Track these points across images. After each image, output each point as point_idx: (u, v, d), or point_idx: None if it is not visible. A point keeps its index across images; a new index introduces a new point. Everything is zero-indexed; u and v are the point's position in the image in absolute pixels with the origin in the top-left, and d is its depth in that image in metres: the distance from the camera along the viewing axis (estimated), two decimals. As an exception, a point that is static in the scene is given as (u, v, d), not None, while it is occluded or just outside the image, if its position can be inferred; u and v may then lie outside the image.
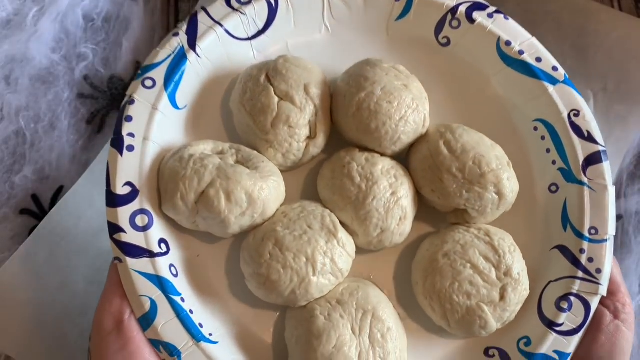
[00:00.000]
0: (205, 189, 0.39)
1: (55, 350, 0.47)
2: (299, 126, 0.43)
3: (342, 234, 0.41)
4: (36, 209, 0.51)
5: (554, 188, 0.46)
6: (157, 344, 0.38)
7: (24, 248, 0.48)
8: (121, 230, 0.39)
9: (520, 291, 0.42)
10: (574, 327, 0.43)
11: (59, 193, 0.51)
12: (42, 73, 0.51)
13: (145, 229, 0.40)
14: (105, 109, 0.53)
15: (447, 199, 0.43)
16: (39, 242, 0.48)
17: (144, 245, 0.39)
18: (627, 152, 0.54)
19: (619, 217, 0.55)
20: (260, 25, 0.46)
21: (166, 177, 0.40)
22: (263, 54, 0.47)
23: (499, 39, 0.47)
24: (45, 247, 0.48)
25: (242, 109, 0.43)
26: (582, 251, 0.44)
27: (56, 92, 0.51)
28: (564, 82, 0.46)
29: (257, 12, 0.46)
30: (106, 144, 0.51)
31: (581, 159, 0.45)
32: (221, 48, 0.45)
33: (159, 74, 0.42)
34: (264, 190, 0.40)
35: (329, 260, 0.40)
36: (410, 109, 0.43)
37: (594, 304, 0.43)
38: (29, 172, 0.50)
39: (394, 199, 0.42)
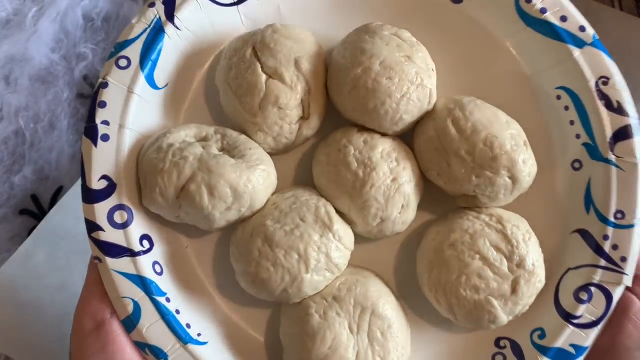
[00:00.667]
0: (186, 184, 0.36)
1: (54, 350, 0.47)
2: (290, 107, 0.39)
3: (339, 225, 0.38)
4: (35, 209, 0.51)
5: (577, 165, 0.41)
6: (142, 346, 0.37)
7: (23, 248, 0.48)
8: (99, 228, 0.36)
9: (534, 283, 0.39)
10: (593, 319, 0.39)
11: (58, 193, 0.51)
12: (42, 73, 0.50)
13: (124, 226, 0.37)
14: (104, 109, 0.53)
15: (455, 184, 0.39)
16: (38, 242, 0.48)
17: (124, 244, 0.37)
18: None
19: None
20: (248, -14, 0.41)
21: (144, 170, 0.37)
22: (252, 20, 0.42)
23: (518, -6, 0.41)
24: (44, 248, 0.48)
25: (228, 88, 0.39)
26: (605, 237, 0.39)
27: (55, 92, 0.51)
28: (592, 44, 0.40)
29: (243, -28, 0.41)
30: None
31: (609, 133, 0.40)
32: (203, 17, 0.40)
33: (133, 51, 0.38)
34: (250, 182, 0.37)
35: (323, 255, 0.37)
36: (413, 85, 0.38)
37: (617, 294, 0.39)
38: (28, 172, 0.50)
39: (394, 185, 0.38)
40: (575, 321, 0.39)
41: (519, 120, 0.40)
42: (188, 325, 0.38)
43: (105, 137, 0.37)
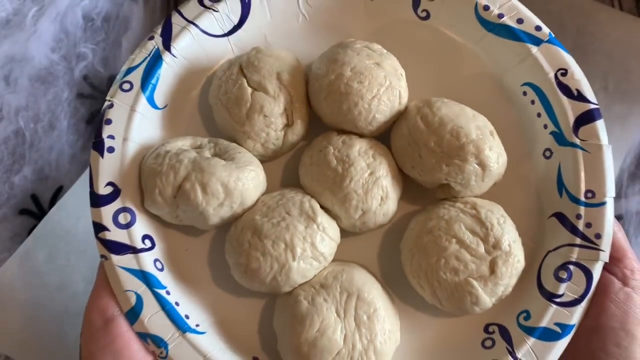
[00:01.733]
0: (182, 183, 0.40)
1: (54, 350, 0.48)
2: (274, 115, 0.43)
3: (322, 218, 0.41)
4: (35, 209, 0.51)
5: (547, 154, 0.44)
6: (144, 337, 0.40)
7: (23, 248, 0.49)
8: (105, 228, 0.41)
9: (513, 263, 0.41)
10: (576, 297, 0.41)
11: (58, 193, 0.52)
12: (42, 73, 0.51)
13: (128, 226, 0.41)
14: (104, 108, 0.54)
15: (428, 174, 0.42)
16: (38, 242, 0.49)
17: (127, 242, 0.41)
18: (628, 152, 0.52)
19: (619, 218, 0.54)
20: (235, 21, 0.47)
21: (145, 174, 0.41)
22: (241, 48, 0.47)
23: (476, 4, 0.45)
24: (44, 247, 0.49)
25: (219, 103, 0.44)
26: (578, 216, 0.41)
27: (55, 92, 0.52)
28: (548, 41, 0.44)
29: (230, 8, 0.46)
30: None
31: (571, 119, 0.42)
32: (197, 46, 0.46)
33: (135, 77, 0.44)
34: (240, 180, 0.40)
35: (308, 244, 0.40)
36: (382, 87, 0.42)
37: (596, 271, 0.41)
38: (28, 172, 0.51)
39: (372, 179, 0.42)
40: (557, 300, 0.41)
41: (491, 118, 0.43)
42: (187, 317, 0.41)
43: (111, 149, 0.42)
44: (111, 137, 0.42)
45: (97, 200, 0.41)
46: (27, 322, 0.48)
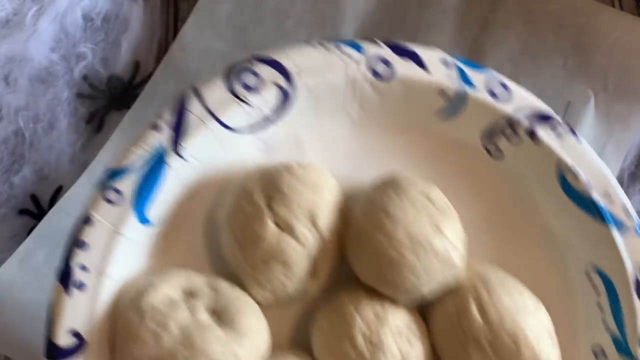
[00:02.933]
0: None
1: None
2: (297, 265, 0.34)
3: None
4: (35, 209, 0.50)
5: (597, 349, 0.38)
6: None
7: (23, 248, 0.47)
8: (59, 395, 0.31)
9: None
10: None
11: (58, 193, 0.50)
12: (41, 73, 0.50)
13: (90, 396, 0.32)
14: (104, 108, 0.52)
15: (473, 376, 0.35)
16: (38, 242, 0.47)
17: (86, 416, 0.32)
18: (628, 152, 0.50)
19: None
20: (269, 114, 0.37)
21: (120, 330, 0.32)
22: (270, 147, 0.37)
23: (562, 163, 0.37)
24: (44, 248, 0.47)
25: (231, 233, 0.34)
26: None
27: (55, 91, 0.51)
28: (637, 231, 0.37)
29: (266, 100, 0.36)
30: (105, 144, 0.49)
31: (641, 331, 0.36)
32: (216, 145, 0.35)
33: (127, 185, 0.33)
34: (236, 357, 0.32)
35: None
36: (440, 263, 0.34)
37: None
38: (28, 172, 0.49)
39: (403, 370, 0.34)
40: None
41: (543, 289, 0.37)
42: None
43: (82, 286, 0.32)
44: (83, 267, 0.32)
45: (54, 354, 0.31)
46: (27, 323, 0.46)
